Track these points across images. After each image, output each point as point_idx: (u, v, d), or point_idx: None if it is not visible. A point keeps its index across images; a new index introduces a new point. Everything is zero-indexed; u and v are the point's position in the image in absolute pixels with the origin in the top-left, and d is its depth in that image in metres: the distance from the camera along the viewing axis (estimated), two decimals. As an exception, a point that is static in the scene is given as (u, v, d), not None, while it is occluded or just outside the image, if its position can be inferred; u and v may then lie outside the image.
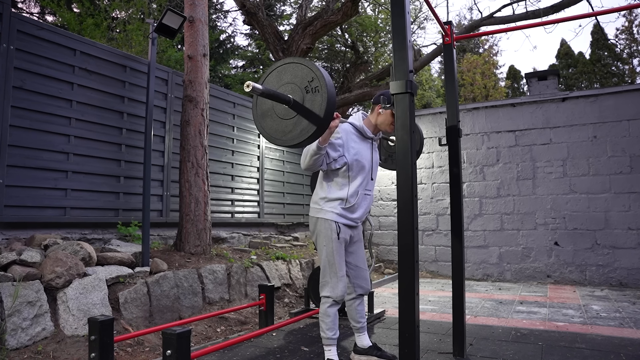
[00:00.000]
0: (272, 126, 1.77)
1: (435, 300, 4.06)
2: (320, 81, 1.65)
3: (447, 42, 2.53)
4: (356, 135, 2.16)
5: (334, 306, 2.10)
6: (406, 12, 1.63)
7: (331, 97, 1.65)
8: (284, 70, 1.76)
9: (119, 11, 7.01)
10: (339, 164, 2.07)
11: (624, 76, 17.25)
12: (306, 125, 1.67)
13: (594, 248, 4.93)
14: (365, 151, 2.16)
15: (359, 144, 2.14)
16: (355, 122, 2.18)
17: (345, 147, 2.09)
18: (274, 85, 1.77)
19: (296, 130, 1.70)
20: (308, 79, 1.67)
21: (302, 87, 1.69)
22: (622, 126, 4.94)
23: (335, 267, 2.08)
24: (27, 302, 2.25)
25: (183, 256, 3.42)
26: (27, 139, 2.95)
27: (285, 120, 1.73)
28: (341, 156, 2.07)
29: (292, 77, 1.72)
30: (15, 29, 2.88)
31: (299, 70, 1.71)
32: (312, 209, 2.19)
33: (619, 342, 2.63)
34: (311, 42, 6.70)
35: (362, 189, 2.13)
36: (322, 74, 1.66)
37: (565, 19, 2.47)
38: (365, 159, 2.14)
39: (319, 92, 1.65)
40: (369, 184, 2.18)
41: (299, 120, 1.69)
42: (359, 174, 2.11)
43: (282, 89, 1.74)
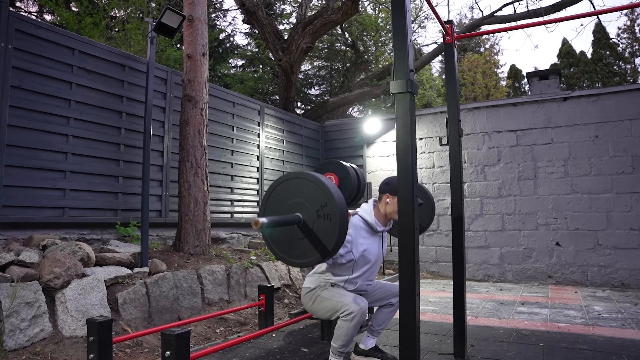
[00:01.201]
0: (279, 239, 1.72)
1: (436, 301, 4.05)
2: (333, 209, 1.59)
3: (448, 41, 2.52)
4: (366, 230, 2.11)
5: (358, 324, 1.96)
6: (407, 11, 1.62)
7: (343, 229, 1.60)
8: (297, 184, 1.70)
9: (117, 10, 7.00)
10: (345, 259, 2.02)
11: (626, 75, 17.20)
12: (311, 250, 1.64)
13: (595, 248, 4.90)
14: (373, 246, 2.12)
15: (368, 239, 2.09)
16: (367, 217, 2.12)
17: (353, 243, 2.03)
18: (284, 197, 1.71)
19: (301, 250, 1.66)
20: (321, 202, 1.62)
21: (313, 209, 1.63)
22: (624, 126, 4.91)
23: (337, 294, 2.03)
24: (25, 303, 2.24)
25: (182, 257, 3.41)
26: (26, 139, 2.93)
27: (294, 240, 1.68)
28: (348, 252, 2.02)
29: (306, 194, 1.66)
30: (13, 28, 2.87)
31: (313, 190, 1.65)
32: (307, 281, 2.16)
33: (621, 343, 2.62)
34: (311, 41, 6.68)
35: (362, 280, 2.12)
36: (336, 201, 1.59)
37: (567, 18, 2.46)
38: (373, 254, 2.11)
39: (332, 221, 1.60)
40: (372, 275, 2.16)
41: (306, 243, 1.65)
42: (363, 267, 2.09)
43: (292, 202, 1.68)
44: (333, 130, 6.47)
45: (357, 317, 1.94)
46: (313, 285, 2.12)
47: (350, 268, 2.07)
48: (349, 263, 2.04)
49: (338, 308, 1.99)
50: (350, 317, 1.94)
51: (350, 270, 2.07)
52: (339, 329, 2.00)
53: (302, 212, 1.66)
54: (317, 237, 1.63)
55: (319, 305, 2.07)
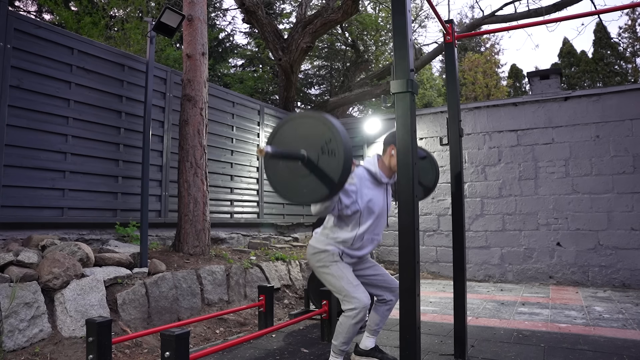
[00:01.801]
0: (283, 180, 1.70)
1: (436, 302, 4.04)
2: (338, 144, 1.58)
3: (449, 40, 2.51)
4: (370, 180, 2.11)
5: (359, 323, 1.97)
6: (407, 10, 1.62)
7: (347, 162, 1.58)
8: (301, 124, 1.69)
9: (117, 9, 6.99)
10: (351, 210, 2.02)
11: (627, 75, 17.18)
12: (318, 186, 1.61)
13: (596, 249, 4.89)
14: (378, 197, 2.11)
15: (372, 190, 2.09)
16: (371, 168, 2.12)
17: (358, 193, 2.03)
18: (290, 136, 1.69)
19: (307, 189, 1.64)
20: (325, 139, 1.60)
21: (318, 146, 1.62)
22: (625, 126, 4.90)
23: (346, 278, 2.02)
24: (24, 304, 2.23)
25: (182, 257, 3.40)
26: (25, 139, 2.93)
27: (297, 177, 1.66)
28: (354, 202, 2.01)
29: (309, 133, 1.65)
30: (12, 28, 2.87)
31: (316, 128, 1.64)
32: (314, 239, 2.14)
33: (622, 343, 2.61)
34: (311, 41, 6.67)
35: (369, 234, 2.10)
36: (341, 136, 1.58)
37: (568, 18, 2.45)
38: (377, 205, 2.10)
39: (336, 156, 1.58)
40: (377, 228, 2.14)
41: (311, 179, 1.63)
42: (369, 218, 2.08)
43: (297, 142, 1.66)
44: (333, 130, 6.45)
45: (360, 314, 1.95)
46: (322, 246, 2.08)
47: (357, 220, 2.05)
48: (354, 215, 2.03)
49: (343, 295, 1.99)
50: (353, 313, 1.95)
51: (357, 223, 2.05)
52: (340, 326, 2.01)
53: (307, 150, 1.64)
54: (322, 171, 1.61)
55: (325, 275, 2.06)
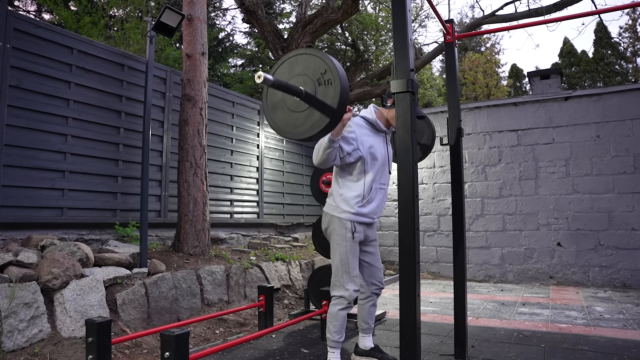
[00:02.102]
0: (283, 119, 1.72)
1: (436, 302, 4.03)
2: (333, 73, 1.60)
3: (449, 40, 2.50)
4: (368, 129, 2.14)
5: (346, 309, 2.06)
6: (407, 10, 1.62)
7: (344, 89, 1.60)
8: (295, 61, 1.70)
9: (116, 9, 6.99)
10: (354, 157, 2.04)
11: (628, 75, 17.15)
12: (318, 117, 1.63)
13: (597, 249, 4.88)
14: (378, 144, 2.14)
15: (372, 137, 2.12)
16: (368, 116, 2.16)
17: (358, 140, 2.06)
18: (285, 77, 1.71)
19: (308, 123, 1.65)
20: (321, 70, 1.62)
21: (314, 79, 1.64)
22: (626, 125, 4.89)
23: (348, 266, 2.05)
24: (24, 304, 2.23)
25: (181, 257, 3.40)
26: (24, 139, 2.92)
27: (297, 113, 1.68)
28: (355, 149, 2.04)
29: (304, 68, 1.67)
30: (11, 27, 2.86)
31: (311, 62, 1.66)
32: (328, 205, 2.15)
33: (623, 344, 2.61)
34: (311, 41, 6.66)
35: (376, 183, 2.11)
36: (335, 65, 1.61)
37: (568, 17, 2.44)
38: (379, 152, 2.12)
39: (332, 85, 1.60)
40: (382, 177, 2.15)
41: (311, 112, 1.64)
42: (373, 167, 2.09)
43: (293, 80, 1.68)
44: (333, 129, 6.44)
45: (344, 302, 2.05)
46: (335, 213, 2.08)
47: (362, 168, 2.06)
48: (358, 162, 2.05)
49: (337, 279, 2.06)
50: (338, 301, 2.06)
51: (363, 171, 2.06)
52: (329, 315, 2.10)
53: (304, 86, 1.66)
54: (321, 102, 1.62)
55: (335, 247, 2.08)
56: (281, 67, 1.74)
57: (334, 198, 2.12)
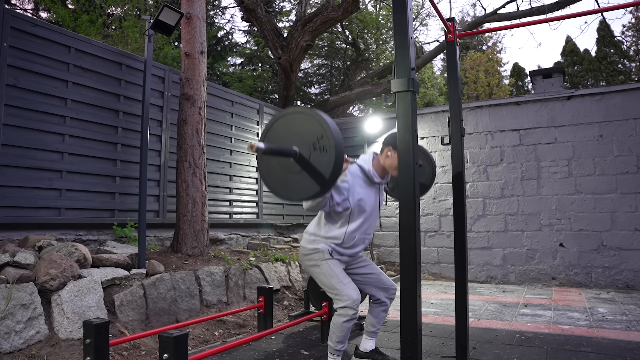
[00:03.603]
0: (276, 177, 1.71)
1: (437, 303, 4.01)
2: (329, 140, 1.58)
3: (450, 39, 2.48)
4: (363, 179, 2.12)
5: (351, 320, 2.00)
6: (408, 8, 1.60)
7: (339, 159, 1.58)
8: (293, 120, 1.70)
9: (114, 7, 6.97)
10: (342, 207, 2.03)
11: (631, 74, 17.07)
12: (310, 184, 1.62)
13: (599, 249, 4.85)
14: (369, 196, 2.12)
15: (364, 188, 2.10)
16: (365, 166, 2.13)
17: (350, 191, 2.05)
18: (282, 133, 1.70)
19: (299, 186, 1.65)
20: (317, 135, 1.61)
21: (309, 142, 1.63)
22: (629, 125, 4.85)
23: (337, 277, 2.03)
24: (21, 305, 2.21)
25: (180, 258, 3.38)
26: (21, 138, 2.91)
27: (290, 174, 1.67)
28: (345, 200, 2.03)
29: (301, 129, 1.66)
30: (8, 26, 2.85)
31: (308, 124, 1.64)
32: (305, 239, 2.15)
33: (626, 345, 2.59)
34: (311, 39, 6.63)
35: (359, 233, 2.10)
36: (332, 132, 1.59)
37: (571, 16, 2.42)
38: (369, 204, 2.11)
39: (327, 152, 1.59)
40: (369, 228, 2.15)
41: (303, 176, 1.64)
42: (359, 217, 2.09)
43: (289, 138, 1.67)
44: (334, 129, 6.41)
45: (349, 311, 1.98)
46: (312, 245, 2.09)
47: (347, 218, 2.06)
48: (345, 212, 2.05)
49: (332, 292, 2.03)
50: (343, 311, 1.98)
51: (347, 221, 2.06)
52: (332, 325, 2.04)
53: (299, 147, 1.65)
54: (314, 168, 1.62)
55: (316, 274, 2.08)
56: (278, 123, 1.72)
57: (313, 235, 2.12)
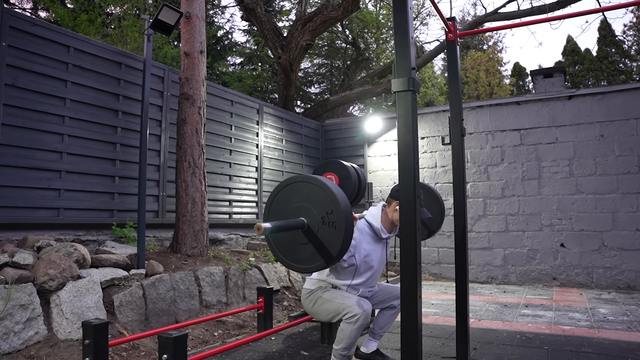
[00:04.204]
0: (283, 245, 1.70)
1: (438, 304, 4.00)
2: (339, 216, 1.57)
3: (451, 38, 2.46)
4: (370, 235, 2.10)
5: (361, 328, 1.94)
6: (408, 7, 1.59)
7: (347, 237, 1.57)
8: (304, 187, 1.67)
9: (113, 7, 6.97)
10: (347, 263, 2.02)
11: (632, 73, 17.03)
12: (316, 255, 1.62)
13: (601, 250, 4.83)
14: (376, 252, 2.11)
15: (371, 245, 2.09)
16: (373, 223, 2.11)
17: (357, 247, 2.03)
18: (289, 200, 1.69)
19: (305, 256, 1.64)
20: (327, 209, 1.59)
21: (319, 215, 1.61)
22: (630, 125, 4.84)
23: (338, 296, 2.01)
24: (20, 306, 2.20)
25: (179, 258, 3.37)
26: (20, 138, 2.90)
27: (297, 243, 1.66)
28: (351, 257, 2.01)
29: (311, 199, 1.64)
30: (7, 25, 2.84)
31: (319, 194, 1.62)
32: (308, 283, 2.14)
33: (627, 346, 2.59)
34: (311, 39, 6.62)
35: (363, 287, 2.10)
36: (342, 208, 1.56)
37: (572, 15, 2.41)
38: (375, 260, 2.10)
39: (336, 229, 1.57)
40: (373, 281, 2.15)
41: (310, 248, 1.63)
42: (366, 272, 2.08)
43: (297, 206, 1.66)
44: (333, 129, 6.41)
45: (360, 319, 1.91)
46: (314, 287, 2.10)
47: (352, 273, 2.05)
48: (350, 267, 2.03)
49: (340, 310, 1.96)
50: (353, 319, 1.92)
51: (352, 275, 2.05)
52: (341, 332, 1.98)
53: (307, 217, 1.63)
54: (321, 243, 1.61)
55: (320, 307, 2.04)
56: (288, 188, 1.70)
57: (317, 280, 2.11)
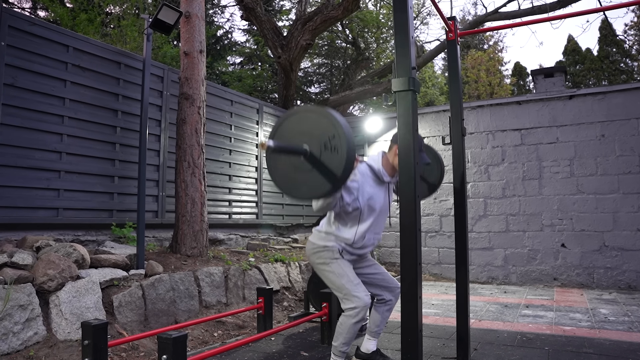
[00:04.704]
0: (286, 176, 1.70)
1: (438, 304, 3.99)
2: (341, 140, 1.57)
3: (451, 38, 2.46)
4: (372, 178, 2.10)
5: (359, 322, 1.97)
6: (409, 7, 1.58)
7: (350, 159, 1.57)
8: (304, 118, 1.69)
9: (113, 6, 6.96)
10: (352, 207, 2.02)
11: (633, 73, 17.00)
12: (321, 182, 1.61)
13: (602, 250, 4.82)
14: (379, 195, 2.11)
15: (374, 187, 2.09)
16: (374, 165, 2.12)
17: (360, 190, 2.03)
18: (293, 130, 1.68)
19: (310, 184, 1.64)
20: (329, 134, 1.59)
21: (321, 142, 1.61)
22: (631, 124, 4.82)
23: (347, 277, 2.01)
24: (19, 306, 2.20)
25: (179, 258, 3.36)
26: (19, 138, 2.89)
27: (299, 172, 1.66)
28: (355, 200, 2.01)
29: (313, 127, 1.64)
30: (6, 25, 2.83)
31: (320, 122, 1.63)
32: (315, 236, 2.13)
33: (628, 346, 2.58)
34: (311, 38, 6.61)
35: (370, 233, 2.09)
36: (345, 132, 1.57)
37: (572, 15, 2.40)
38: (378, 203, 2.10)
39: (338, 153, 1.57)
40: (378, 227, 2.14)
41: (314, 174, 1.63)
42: (370, 217, 2.07)
43: (299, 136, 1.66)
44: (334, 128, 6.39)
45: (360, 313, 1.94)
46: (321, 242, 2.07)
47: (357, 218, 2.04)
48: (355, 212, 2.03)
49: (343, 293, 1.99)
50: (353, 312, 1.95)
51: (357, 220, 2.04)
52: (340, 326, 2.01)
53: (310, 144, 1.64)
54: (324, 167, 1.61)
55: (326, 273, 2.05)
56: (288, 121, 1.71)
57: (324, 232, 2.10)
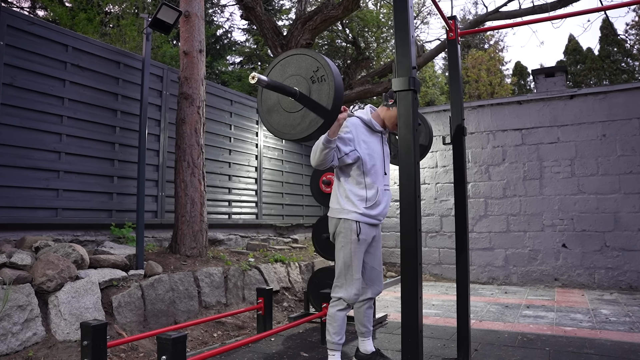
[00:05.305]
0: (280, 121, 1.75)
1: (439, 304, 3.99)
2: (325, 70, 1.62)
3: (451, 37, 2.45)
4: (365, 129, 2.13)
5: (345, 310, 2.06)
6: (409, 6, 1.59)
7: (338, 85, 1.62)
8: (287, 63, 1.73)
9: (112, 5, 6.95)
10: (351, 158, 2.03)
11: (634, 73, 16.97)
12: (314, 117, 1.65)
13: (603, 250, 4.81)
14: (375, 145, 2.13)
15: (368, 137, 2.12)
16: (363, 116, 2.15)
17: (355, 141, 2.05)
18: (279, 78, 1.73)
19: (304, 123, 1.68)
20: (313, 68, 1.65)
21: (307, 78, 1.67)
22: (632, 124, 4.81)
23: (352, 269, 2.05)
24: (18, 306, 2.19)
25: (178, 259, 3.35)
26: (18, 138, 2.88)
27: (292, 114, 1.71)
28: (353, 150, 2.03)
29: (297, 68, 1.69)
30: (5, 24, 2.82)
31: (303, 61, 1.68)
32: (332, 210, 2.14)
33: (629, 347, 2.57)
34: (311, 38, 6.59)
35: (379, 184, 2.10)
36: (327, 62, 1.62)
37: (573, 14, 2.39)
38: (376, 152, 2.12)
39: (326, 81, 1.62)
40: (384, 179, 2.15)
41: (306, 112, 1.67)
42: (373, 168, 2.09)
43: (287, 81, 1.70)
44: (334, 128, 6.38)
45: (343, 304, 2.05)
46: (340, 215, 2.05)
47: (361, 170, 2.06)
48: (357, 163, 2.04)
49: (340, 281, 2.06)
50: (338, 302, 2.06)
51: (362, 175, 2.06)
52: (328, 316, 2.10)
53: (298, 86, 1.69)
54: (315, 102, 1.65)
55: (337, 252, 2.09)
56: (274, 69, 1.76)
57: (338, 200, 2.11)
